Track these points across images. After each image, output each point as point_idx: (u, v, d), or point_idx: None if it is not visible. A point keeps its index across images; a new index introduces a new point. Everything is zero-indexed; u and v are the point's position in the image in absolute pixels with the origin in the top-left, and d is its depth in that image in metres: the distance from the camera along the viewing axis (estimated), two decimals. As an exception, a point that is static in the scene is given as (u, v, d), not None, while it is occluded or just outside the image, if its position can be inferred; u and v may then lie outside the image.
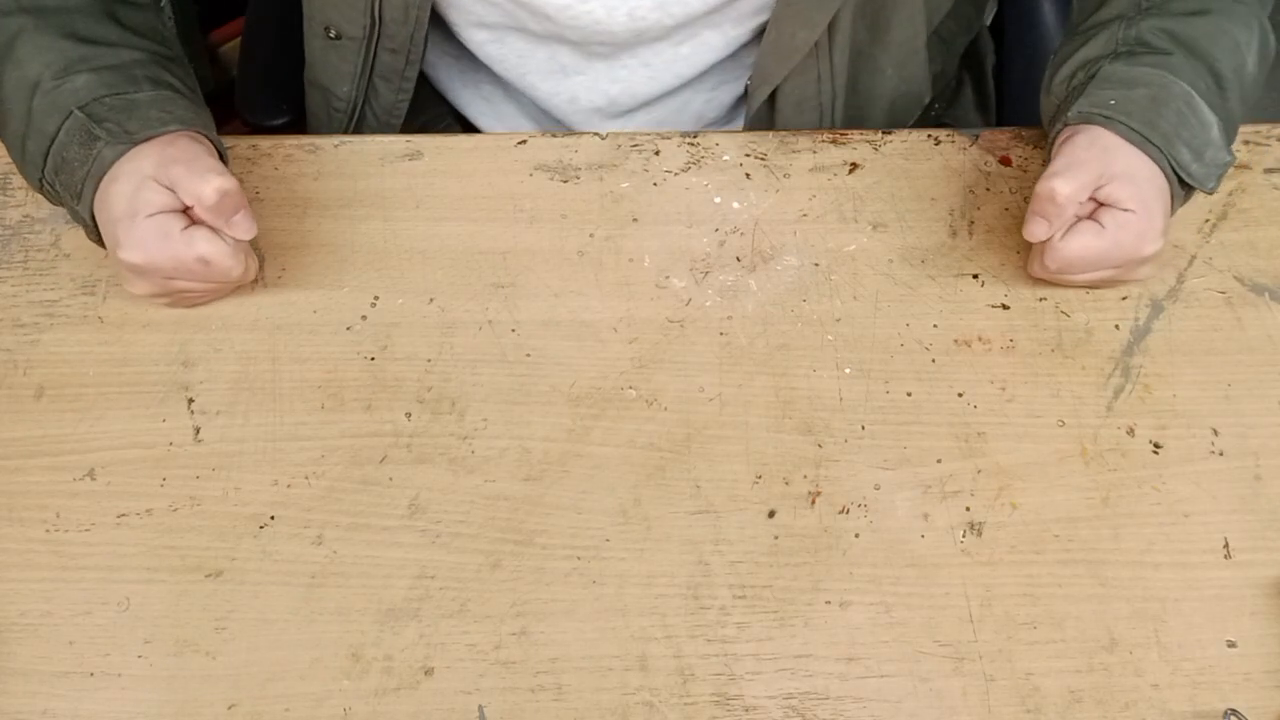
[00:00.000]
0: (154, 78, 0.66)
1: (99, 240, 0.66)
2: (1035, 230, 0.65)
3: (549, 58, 0.81)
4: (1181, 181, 0.65)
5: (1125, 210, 0.64)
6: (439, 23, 0.81)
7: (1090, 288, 0.70)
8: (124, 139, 0.63)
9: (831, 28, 0.74)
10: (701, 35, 0.78)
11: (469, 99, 0.89)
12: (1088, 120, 0.65)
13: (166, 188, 0.62)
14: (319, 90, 0.84)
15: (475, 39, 0.81)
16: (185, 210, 0.63)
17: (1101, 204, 0.64)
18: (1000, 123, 0.95)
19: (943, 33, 0.84)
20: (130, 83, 0.65)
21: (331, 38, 0.79)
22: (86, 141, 0.63)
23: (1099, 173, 0.64)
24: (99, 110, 0.63)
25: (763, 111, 0.79)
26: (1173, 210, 0.66)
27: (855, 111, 0.82)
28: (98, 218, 0.64)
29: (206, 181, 0.61)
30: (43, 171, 0.64)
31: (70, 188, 0.64)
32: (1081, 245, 0.64)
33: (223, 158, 0.68)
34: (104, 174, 0.63)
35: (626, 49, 0.79)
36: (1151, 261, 0.66)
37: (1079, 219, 0.65)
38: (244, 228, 0.64)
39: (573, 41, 0.78)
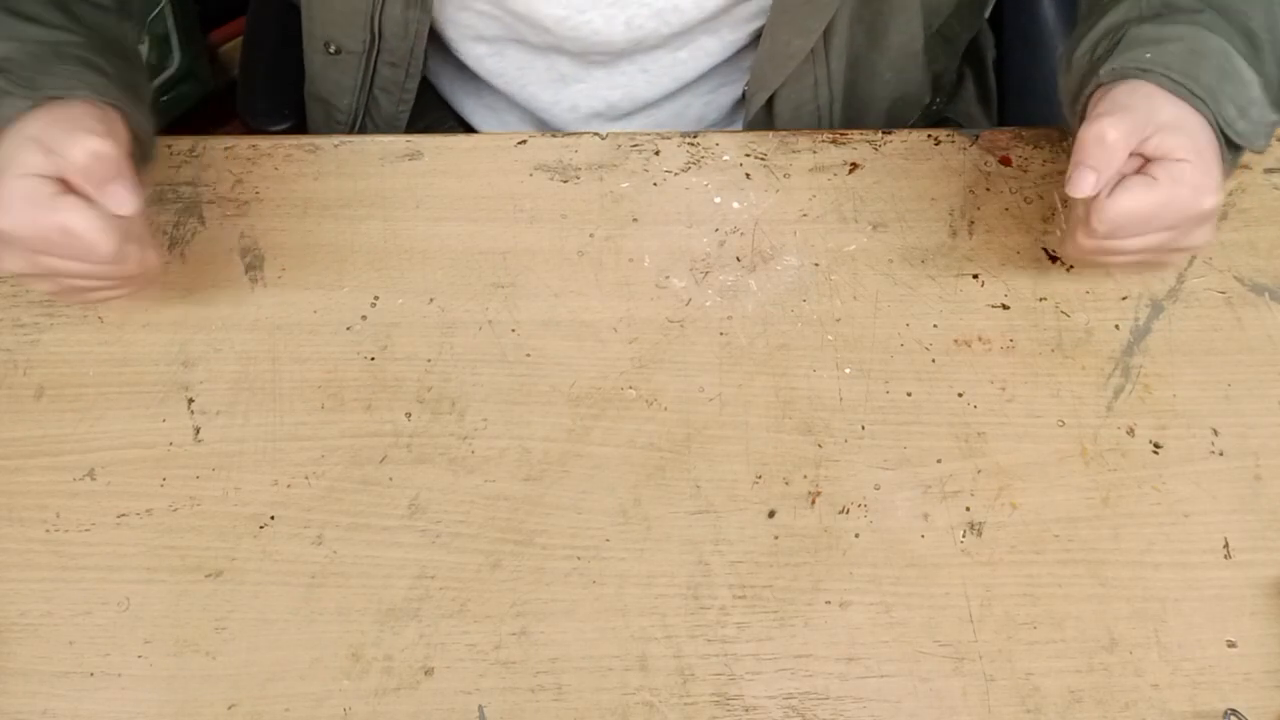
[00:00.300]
0: (85, 60, 0.61)
1: None
2: (1082, 182, 0.57)
3: (548, 67, 0.81)
4: (1228, 142, 0.60)
5: (1179, 160, 0.57)
6: (439, 35, 0.81)
7: (1139, 266, 0.64)
8: (27, 94, 0.58)
9: (827, 34, 0.74)
10: (699, 41, 0.78)
11: (472, 107, 0.90)
12: (1123, 76, 0.60)
13: (48, 151, 0.57)
14: (320, 103, 0.84)
15: (474, 53, 0.82)
16: (66, 181, 0.57)
17: (1149, 159, 0.58)
18: (1001, 116, 0.95)
19: (946, 32, 0.84)
20: (57, 58, 0.60)
21: (331, 53, 0.79)
22: None
23: (1148, 118, 0.57)
24: (9, 65, 0.59)
25: (761, 115, 0.80)
26: (1225, 173, 0.60)
27: (853, 114, 0.82)
28: None
29: (77, 141, 0.56)
30: None
31: None
32: (1133, 200, 0.57)
33: (141, 144, 0.63)
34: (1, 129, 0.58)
35: (625, 56, 0.79)
36: (1210, 220, 0.59)
37: (1124, 176, 0.58)
38: (120, 199, 0.57)
39: (571, 52, 0.78)
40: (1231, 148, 0.60)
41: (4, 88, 0.58)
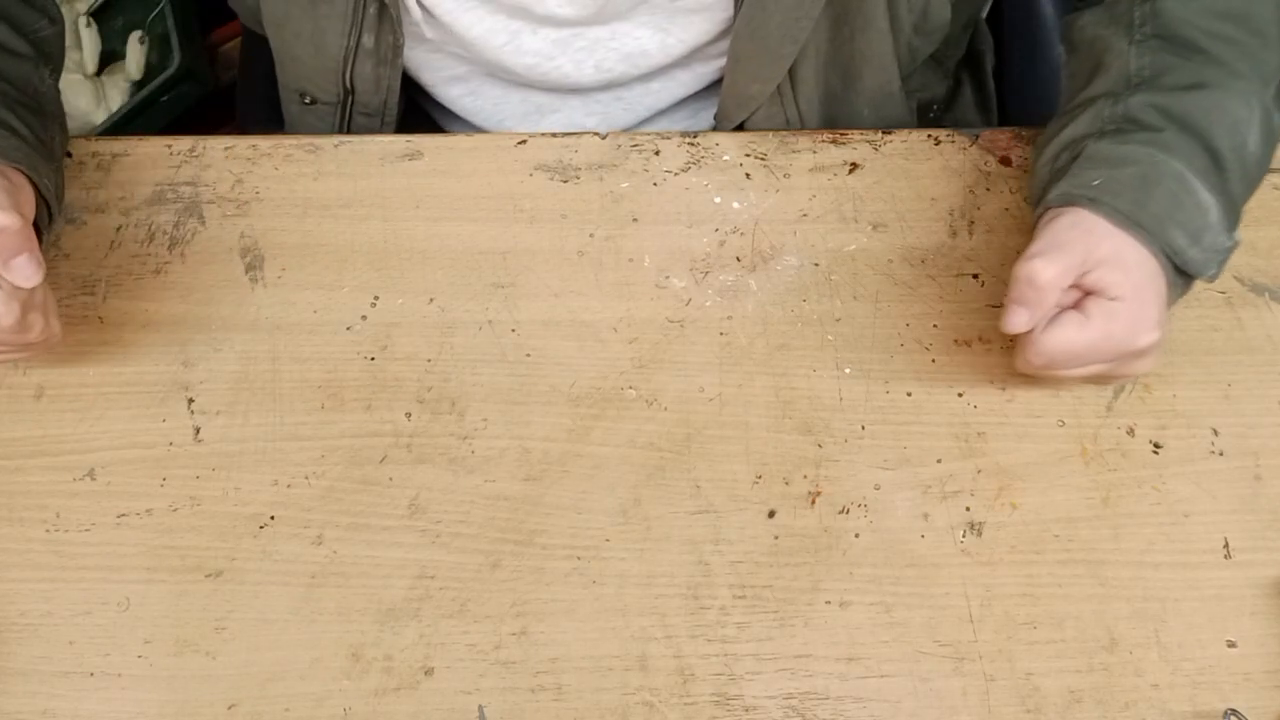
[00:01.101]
0: None
1: None
2: (1015, 320, 0.58)
3: (523, 100, 0.81)
4: (1178, 269, 0.59)
5: (1113, 299, 0.57)
6: (413, 79, 0.81)
7: (1086, 383, 0.65)
8: None
9: (794, 77, 0.74)
10: (672, 73, 0.79)
11: (457, 130, 0.90)
12: (1070, 202, 0.59)
13: None
14: None
15: (449, 94, 0.82)
16: None
17: (1088, 293, 0.58)
18: (1001, 121, 0.95)
19: (938, 56, 0.84)
20: None
21: (307, 103, 0.79)
22: None
23: (1083, 257, 0.57)
24: None
25: None
26: (1170, 300, 0.60)
27: None
28: None
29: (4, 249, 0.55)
30: None
31: None
32: (1065, 338, 0.58)
33: (49, 210, 0.64)
34: None
35: (599, 89, 0.79)
36: (1149, 354, 0.59)
37: (1062, 309, 0.58)
38: (24, 273, 0.56)
39: (545, 89, 0.79)
40: (1180, 274, 0.60)
41: None
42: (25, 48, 0.66)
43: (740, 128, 0.78)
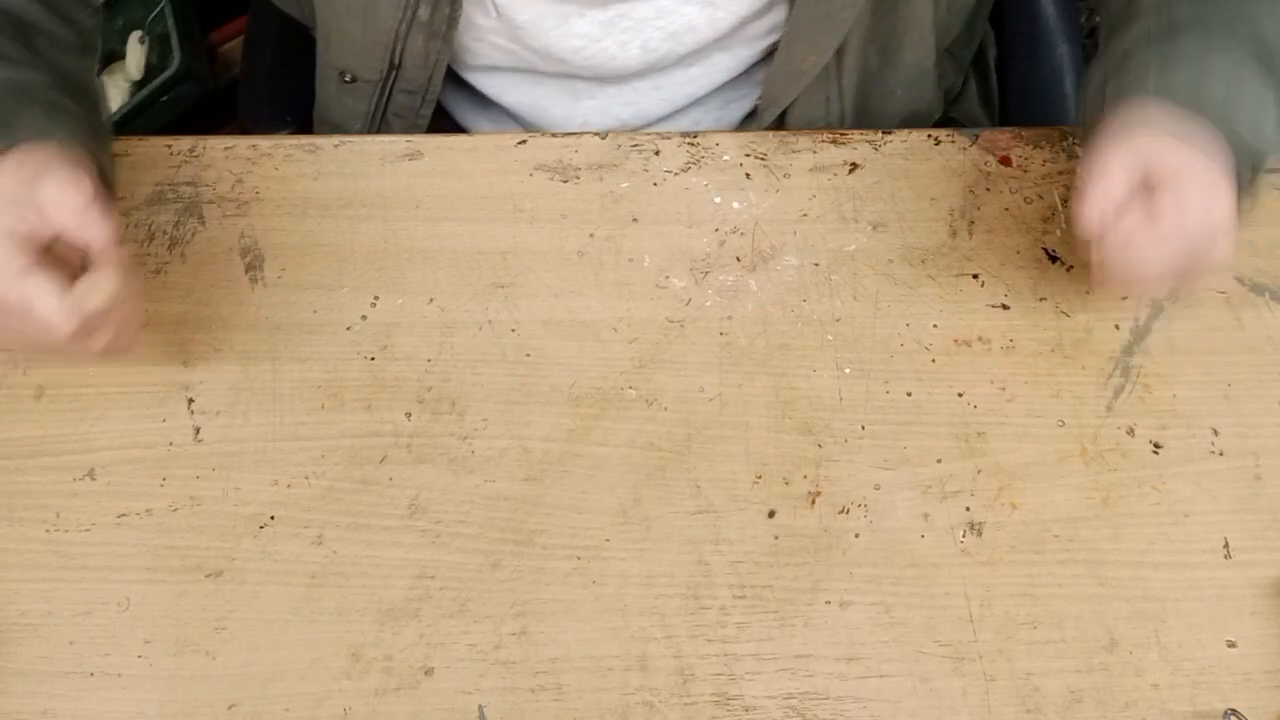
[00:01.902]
0: (54, 102, 0.60)
1: None
2: (1089, 216, 0.57)
3: (560, 86, 0.81)
4: (1245, 161, 0.58)
5: (1182, 185, 0.56)
6: (450, 62, 0.81)
7: (1169, 290, 0.63)
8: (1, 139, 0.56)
9: (841, 52, 0.74)
10: (712, 57, 0.79)
11: (479, 123, 0.90)
12: (1126, 95, 0.59)
13: (23, 210, 0.54)
14: (329, 125, 0.84)
15: (486, 80, 0.82)
16: (45, 242, 0.55)
17: (1155, 187, 0.57)
18: (1004, 116, 0.95)
19: (953, 48, 0.84)
20: (26, 99, 0.59)
21: (346, 81, 0.78)
22: None
23: (1150, 149, 0.57)
24: None
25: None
26: (1242, 191, 0.58)
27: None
28: None
29: (54, 201, 0.54)
30: None
31: None
32: (1141, 233, 0.56)
33: (107, 187, 0.62)
34: None
35: (639, 75, 0.79)
36: (1224, 233, 0.57)
37: (1133, 206, 0.57)
38: (94, 292, 0.55)
39: (585, 77, 0.79)
40: (1249, 166, 0.58)
41: None
42: (73, 38, 0.67)
43: (780, 119, 0.78)
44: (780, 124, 0.79)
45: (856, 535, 0.63)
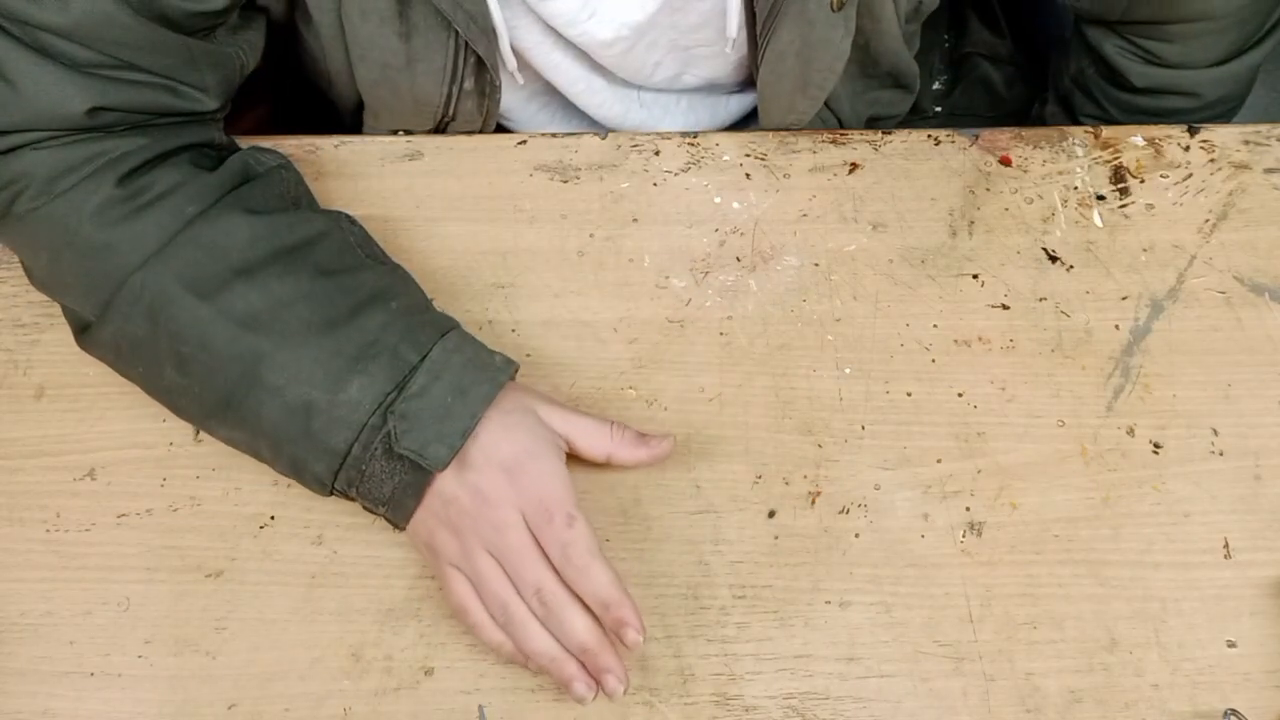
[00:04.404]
0: (431, 308, 0.63)
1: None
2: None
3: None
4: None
5: None
6: None
7: None
8: (488, 381, 0.59)
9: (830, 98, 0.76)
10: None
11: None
12: None
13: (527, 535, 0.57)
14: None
15: (527, 114, 0.83)
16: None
17: None
18: (1014, 40, 0.93)
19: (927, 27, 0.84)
20: (428, 318, 0.62)
21: (398, 132, 0.77)
22: (388, 455, 0.57)
23: None
24: (391, 341, 0.59)
25: None
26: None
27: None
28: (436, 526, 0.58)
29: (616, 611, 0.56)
30: (331, 487, 0.59)
31: (377, 499, 0.59)
32: None
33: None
34: (424, 489, 0.57)
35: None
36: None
37: None
38: (631, 636, 0.55)
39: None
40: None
41: (454, 375, 0.59)
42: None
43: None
44: None
45: (856, 535, 0.63)
